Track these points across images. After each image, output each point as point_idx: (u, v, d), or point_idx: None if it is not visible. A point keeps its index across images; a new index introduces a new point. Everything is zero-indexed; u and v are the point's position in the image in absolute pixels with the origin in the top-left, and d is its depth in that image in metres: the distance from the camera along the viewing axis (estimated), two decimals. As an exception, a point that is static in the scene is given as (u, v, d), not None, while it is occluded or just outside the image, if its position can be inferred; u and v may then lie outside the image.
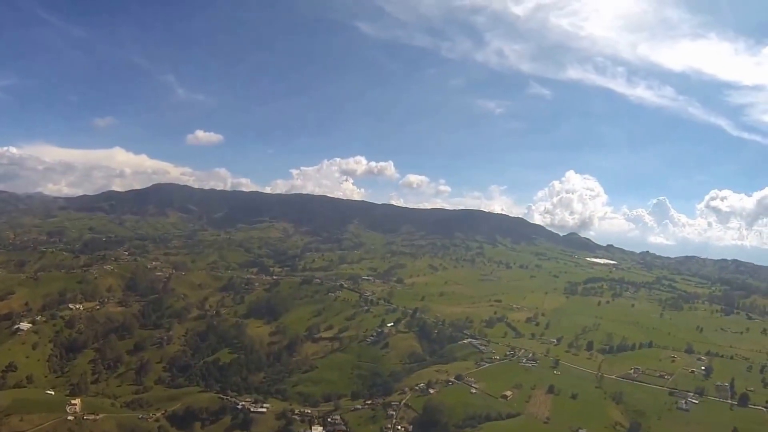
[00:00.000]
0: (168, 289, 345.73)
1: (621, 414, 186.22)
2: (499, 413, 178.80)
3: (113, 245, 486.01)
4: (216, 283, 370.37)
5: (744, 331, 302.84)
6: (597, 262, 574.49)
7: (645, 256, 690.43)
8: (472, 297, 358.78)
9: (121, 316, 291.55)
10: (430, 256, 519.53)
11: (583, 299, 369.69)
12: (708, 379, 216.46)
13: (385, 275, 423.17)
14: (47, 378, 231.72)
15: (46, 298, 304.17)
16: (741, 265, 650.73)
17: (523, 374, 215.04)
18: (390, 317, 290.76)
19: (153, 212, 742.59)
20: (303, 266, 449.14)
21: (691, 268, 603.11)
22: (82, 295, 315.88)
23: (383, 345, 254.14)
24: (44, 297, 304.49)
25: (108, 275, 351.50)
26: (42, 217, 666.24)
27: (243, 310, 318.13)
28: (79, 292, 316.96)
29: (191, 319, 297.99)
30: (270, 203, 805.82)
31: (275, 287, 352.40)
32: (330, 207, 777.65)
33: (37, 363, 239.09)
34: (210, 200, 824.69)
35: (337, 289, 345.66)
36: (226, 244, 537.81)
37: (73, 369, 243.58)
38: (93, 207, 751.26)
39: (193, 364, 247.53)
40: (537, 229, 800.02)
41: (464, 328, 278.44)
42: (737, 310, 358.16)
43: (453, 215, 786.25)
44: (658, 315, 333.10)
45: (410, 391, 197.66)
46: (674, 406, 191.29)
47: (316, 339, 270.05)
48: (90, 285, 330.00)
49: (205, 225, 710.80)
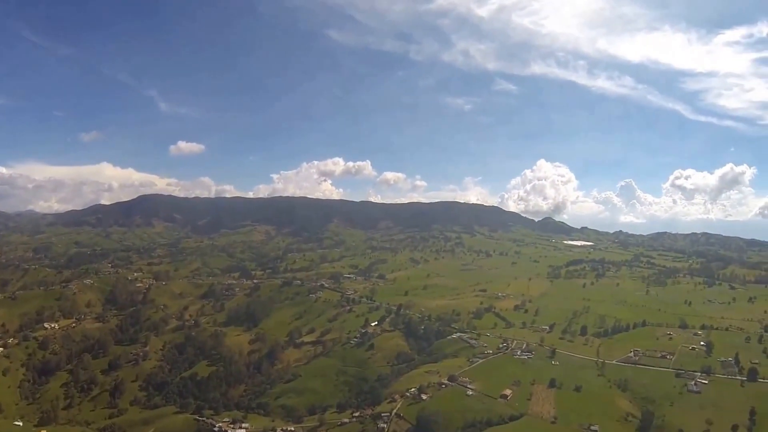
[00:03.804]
0: (147, 300, 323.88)
1: (630, 403, 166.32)
2: (501, 416, 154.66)
3: (98, 258, 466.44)
4: (196, 291, 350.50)
5: (731, 302, 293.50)
6: (574, 245, 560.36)
7: (619, 235, 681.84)
8: (456, 288, 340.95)
9: (97, 332, 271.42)
10: (410, 250, 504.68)
11: (567, 282, 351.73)
12: (710, 356, 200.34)
13: (367, 272, 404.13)
14: (18, 406, 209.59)
15: (24, 317, 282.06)
16: (711, 237, 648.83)
17: (520, 368, 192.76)
18: (374, 316, 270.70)
19: (139, 223, 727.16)
20: (284, 268, 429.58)
21: (664, 244, 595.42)
22: (60, 312, 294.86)
23: (368, 346, 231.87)
24: (21, 317, 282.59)
25: (87, 290, 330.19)
26: (30, 234, 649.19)
27: (223, 317, 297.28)
28: (57, 310, 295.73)
29: (169, 330, 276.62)
30: (252, 208, 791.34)
31: (256, 291, 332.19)
32: (310, 208, 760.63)
33: (8, 390, 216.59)
34: (194, 208, 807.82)
35: (318, 290, 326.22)
36: (209, 250, 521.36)
37: (44, 394, 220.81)
38: (80, 221, 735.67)
39: (170, 380, 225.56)
40: (512, 216, 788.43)
41: (452, 322, 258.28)
42: (718, 281, 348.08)
43: (430, 208, 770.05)
44: (644, 292, 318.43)
45: (401, 399, 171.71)
46: (684, 389, 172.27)
47: (298, 344, 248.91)
48: (68, 301, 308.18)
49: (189, 233, 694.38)
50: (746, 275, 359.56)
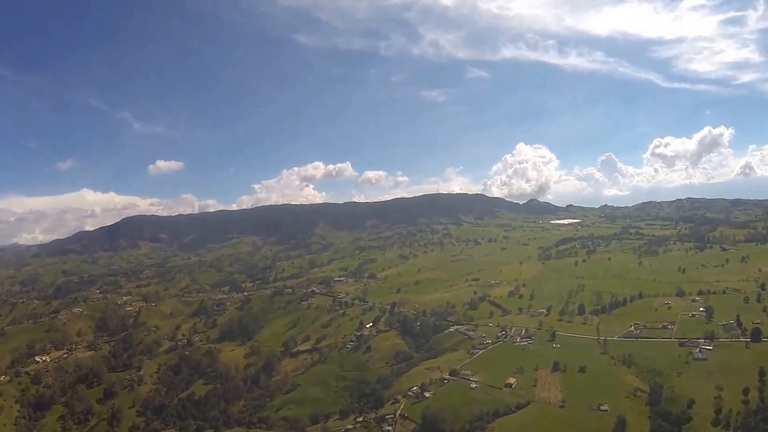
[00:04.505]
0: (138, 323, 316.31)
1: (637, 378, 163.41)
2: (508, 405, 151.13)
3: (86, 285, 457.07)
4: (187, 309, 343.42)
5: (724, 263, 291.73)
6: (562, 224, 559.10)
7: (605, 209, 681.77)
8: (448, 280, 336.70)
9: (90, 361, 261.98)
10: (399, 246, 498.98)
11: (559, 262, 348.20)
12: (711, 321, 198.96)
13: (357, 273, 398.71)
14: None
15: (14, 353, 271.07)
16: (695, 202, 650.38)
17: (521, 355, 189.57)
18: (368, 317, 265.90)
19: (125, 246, 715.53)
20: (274, 277, 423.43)
21: (650, 213, 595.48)
22: (51, 344, 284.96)
23: (365, 349, 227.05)
24: (12, 352, 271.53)
25: (77, 319, 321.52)
26: (16, 267, 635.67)
27: (216, 333, 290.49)
28: (47, 342, 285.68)
29: (162, 352, 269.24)
30: (237, 220, 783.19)
31: (247, 304, 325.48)
32: (295, 214, 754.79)
33: (4, 429, 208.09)
34: (179, 226, 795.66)
35: (309, 296, 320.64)
36: (197, 266, 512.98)
37: (41, 430, 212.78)
38: (65, 250, 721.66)
39: (168, 403, 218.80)
40: (497, 201, 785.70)
41: (447, 315, 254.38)
42: (709, 244, 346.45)
43: (414, 202, 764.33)
44: (636, 264, 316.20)
45: (403, 399, 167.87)
46: (690, 358, 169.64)
47: (294, 353, 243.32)
48: (58, 332, 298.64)
49: (176, 251, 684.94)
50: (735, 235, 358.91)
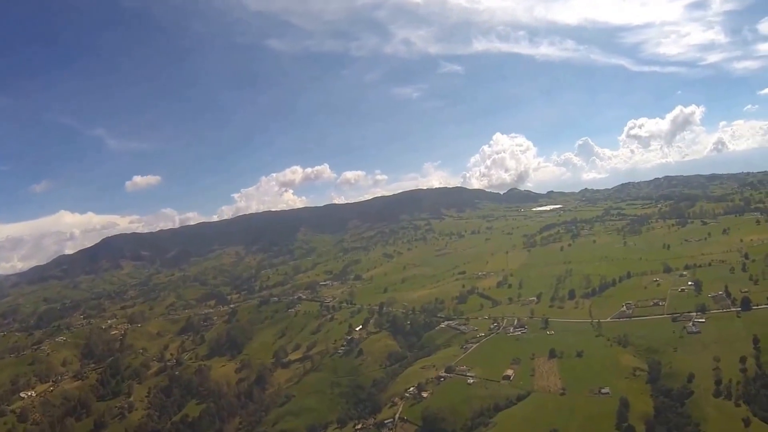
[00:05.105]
0: (125, 347, 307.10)
1: (634, 358, 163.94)
2: (508, 398, 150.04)
3: (69, 312, 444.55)
4: (174, 327, 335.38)
5: (707, 237, 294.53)
6: (544, 210, 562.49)
7: (585, 193, 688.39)
8: (434, 276, 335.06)
9: (77, 391, 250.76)
10: (382, 245, 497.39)
11: (544, 249, 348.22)
12: (701, 294, 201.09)
13: (342, 275, 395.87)
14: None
15: None
16: (673, 179, 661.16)
17: (516, 345, 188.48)
18: (357, 320, 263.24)
19: (107, 267, 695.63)
20: (259, 286, 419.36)
21: (630, 194, 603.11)
22: (35, 377, 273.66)
23: (357, 352, 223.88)
24: None
25: (61, 348, 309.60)
26: None
27: (204, 350, 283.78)
28: (32, 375, 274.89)
29: (151, 375, 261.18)
30: (218, 231, 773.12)
31: (234, 317, 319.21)
32: (276, 221, 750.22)
33: None
34: (161, 242, 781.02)
35: (296, 303, 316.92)
36: (181, 282, 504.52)
37: None
38: (45, 276, 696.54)
39: (161, 428, 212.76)
40: (477, 193, 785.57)
41: (437, 311, 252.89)
42: (690, 219, 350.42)
43: (394, 200, 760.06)
44: (621, 244, 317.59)
45: (401, 401, 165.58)
46: (684, 332, 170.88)
47: (286, 363, 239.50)
48: (43, 364, 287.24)
49: (159, 267, 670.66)
50: (714, 209, 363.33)
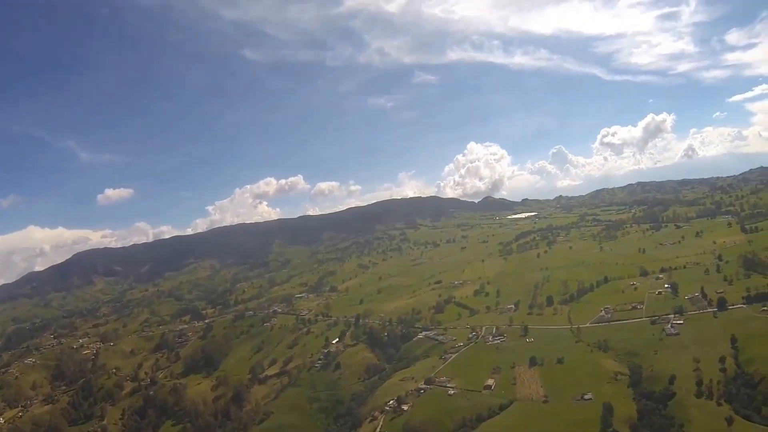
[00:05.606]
0: (97, 367, 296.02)
1: (615, 362, 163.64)
2: (490, 408, 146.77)
3: (39, 331, 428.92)
4: (148, 344, 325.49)
5: (681, 240, 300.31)
6: (519, 218, 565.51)
7: (560, 200, 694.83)
8: (410, 286, 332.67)
9: (48, 416, 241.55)
10: (357, 256, 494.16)
11: (520, 256, 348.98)
12: (678, 296, 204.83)
13: (317, 287, 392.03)
14: None
15: None
16: (645, 185, 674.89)
17: (496, 354, 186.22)
18: (333, 332, 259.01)
19: (78, 284, 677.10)
20: (235, 300, 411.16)
21: (604, 200, 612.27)
22: (4, 402, 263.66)
23: (335, 366, 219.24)
24: None
25: (30, 370, 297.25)
26: None
27: (179, 368, 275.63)
28: (0, 400, 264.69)
29: (126, 395, 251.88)
30: (193, 244, 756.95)
31: (209, 332, 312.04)
32: (250, 233, 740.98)
33: None
34: (134, 256, 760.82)
35: (272, 317, 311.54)
36: (155, 297, 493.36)
37: None
38: (14, 295, 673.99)
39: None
40: (452, 202, 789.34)
41: (414, 322, 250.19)
42: (664, 223, 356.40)
43: (369, 210, 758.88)
44: (597, 249, 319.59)
45: (381, 415, 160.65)
46: (663, 334, 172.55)
47: (263, 379, 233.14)
48: (11, 388, 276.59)
49: (132, 283, 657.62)
50: (687, 212, 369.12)
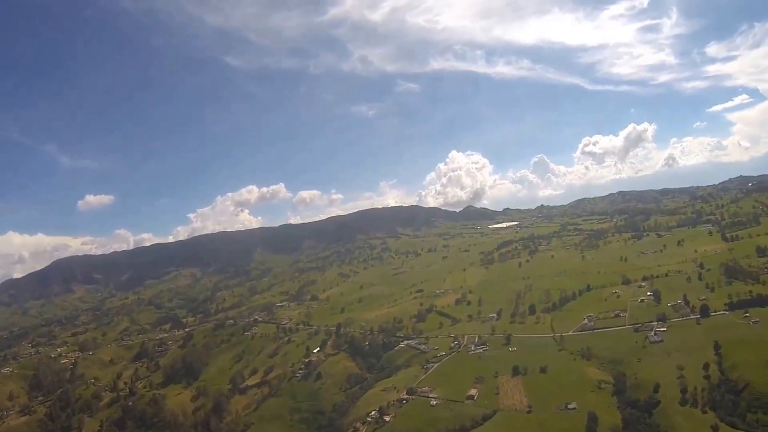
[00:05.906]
0: (75, 377, 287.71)
1: (599, 370, 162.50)
2: (473, 419, 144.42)
3: (16, 340, 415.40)
4: (128, 353, 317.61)
5: (662, 249, 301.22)
6: (500, 227, 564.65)
7: (541, 209, 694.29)
8: (392, 295, 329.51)
9: (24, 427, 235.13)
10: (338, 265, 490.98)
11: (502, 265, 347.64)
12: (660, 304, 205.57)
13: (298, 296, 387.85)
14: None
15: None
16: (627, 194, 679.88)
17: (478, 364, 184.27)
18: (314, 341, 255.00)
19: (57, 291, 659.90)
20: (215, 308, 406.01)
21: (585, 209, 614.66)
22: None
23: (316, 376, 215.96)
24: None
25: (7, 380, 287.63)
26: None
27: (159, 377, 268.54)
28: None
29: (104, 406, 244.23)
30: (174, 252, 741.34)
31: (189, 341, 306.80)
32: (232, 241, 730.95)
33: None
34: (114, 264, 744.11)
35: (252, 326, 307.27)
36: (135, 305, 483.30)
37: None
38: None
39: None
40: (433, 211, 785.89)
41: (396, 331, 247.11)
42: (645, 232, 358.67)
43: (350, 219, 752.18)
44: (579, 258, 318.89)
45: (363, 426, 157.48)
46: (646, 342, 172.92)
47: (243, 389, 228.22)
48: None
49: (112, 291, 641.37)
50: (668, 222, 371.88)
